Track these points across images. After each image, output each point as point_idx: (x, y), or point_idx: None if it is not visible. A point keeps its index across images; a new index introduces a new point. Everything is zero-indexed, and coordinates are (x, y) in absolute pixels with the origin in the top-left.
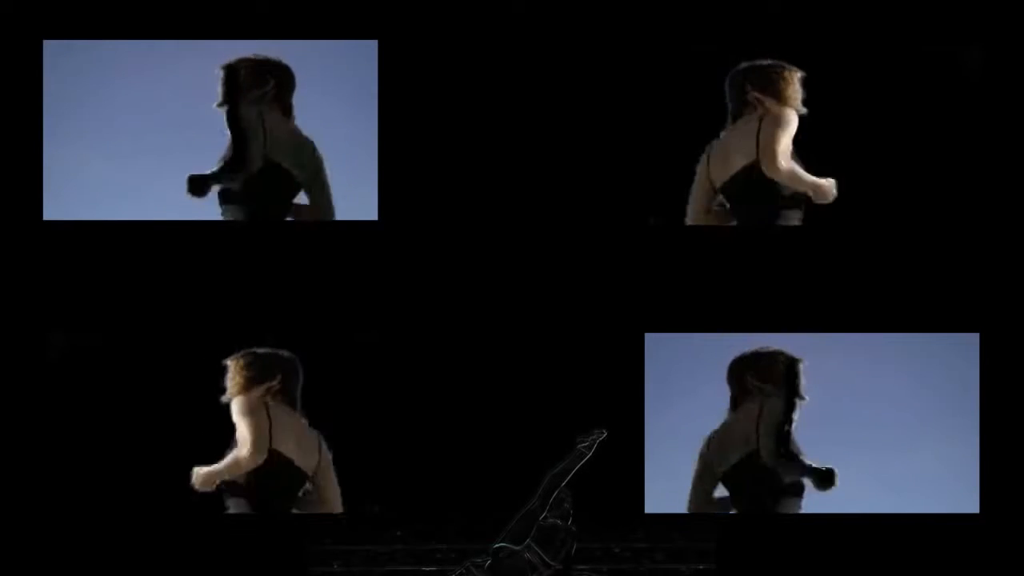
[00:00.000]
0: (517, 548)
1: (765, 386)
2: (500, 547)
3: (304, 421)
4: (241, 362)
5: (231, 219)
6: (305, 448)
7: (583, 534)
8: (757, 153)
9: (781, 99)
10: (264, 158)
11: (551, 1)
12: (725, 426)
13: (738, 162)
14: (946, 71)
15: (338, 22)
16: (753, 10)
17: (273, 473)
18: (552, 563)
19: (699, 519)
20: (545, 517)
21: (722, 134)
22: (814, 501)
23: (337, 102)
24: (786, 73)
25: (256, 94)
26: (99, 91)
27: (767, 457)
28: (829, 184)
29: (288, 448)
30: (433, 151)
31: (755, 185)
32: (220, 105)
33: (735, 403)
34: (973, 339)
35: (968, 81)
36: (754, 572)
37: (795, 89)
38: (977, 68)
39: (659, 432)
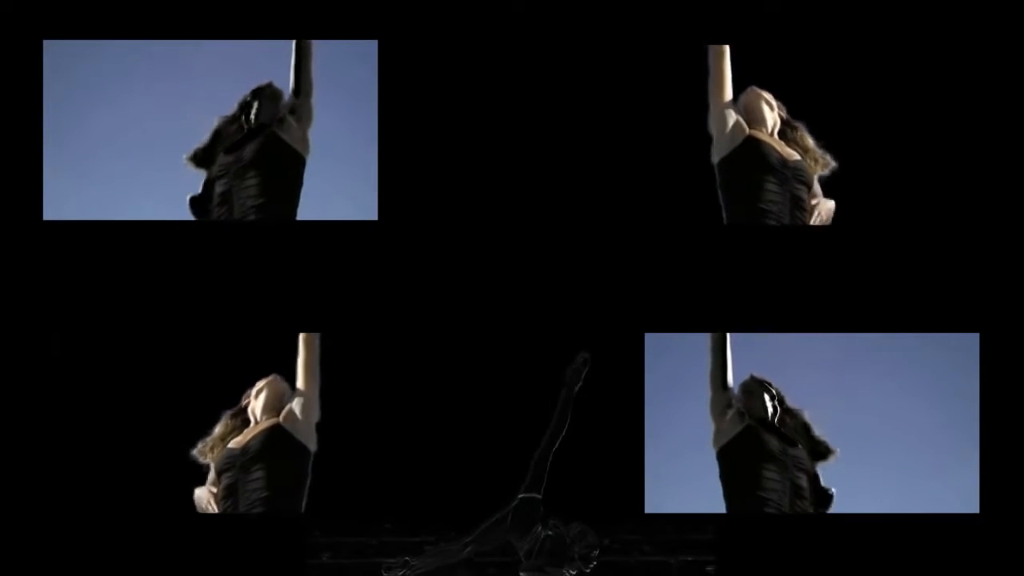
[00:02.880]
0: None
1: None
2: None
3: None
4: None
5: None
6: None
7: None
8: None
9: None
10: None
11: (552, 1)
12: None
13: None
14: (945, 70)
15: (338, 22)
16: (753, 9)
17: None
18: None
19: (699, 519)
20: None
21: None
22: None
23: (337, 102)
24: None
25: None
26: (99, 91)
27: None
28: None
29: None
30: (433, 151)
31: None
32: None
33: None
34: (973, 339)
35: (968, 80)
36: (753, 572)
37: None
38: (977, 66)
39: (659, 432)
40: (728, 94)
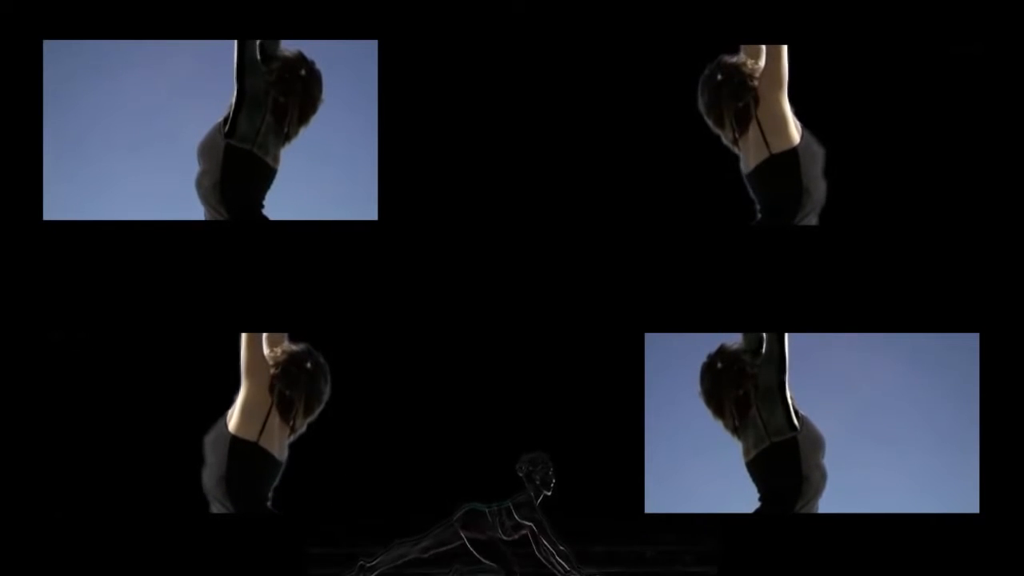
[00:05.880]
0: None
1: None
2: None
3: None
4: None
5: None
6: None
7: (583, 534)
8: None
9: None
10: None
11: (552, 1)
12: None
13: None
14: (946, 70)
15: (338, 22)
16: (755, 9)
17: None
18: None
19: (699, 519)
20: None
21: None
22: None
23: (337, 102)
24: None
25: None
26: (99, 91)
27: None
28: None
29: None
30: (433, 151)
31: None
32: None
33: None
34: (973, 339)
35: (969, 80)
36: (753, 572)
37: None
38: (977, 68)
39: (659, 432)
40: (785, 92)
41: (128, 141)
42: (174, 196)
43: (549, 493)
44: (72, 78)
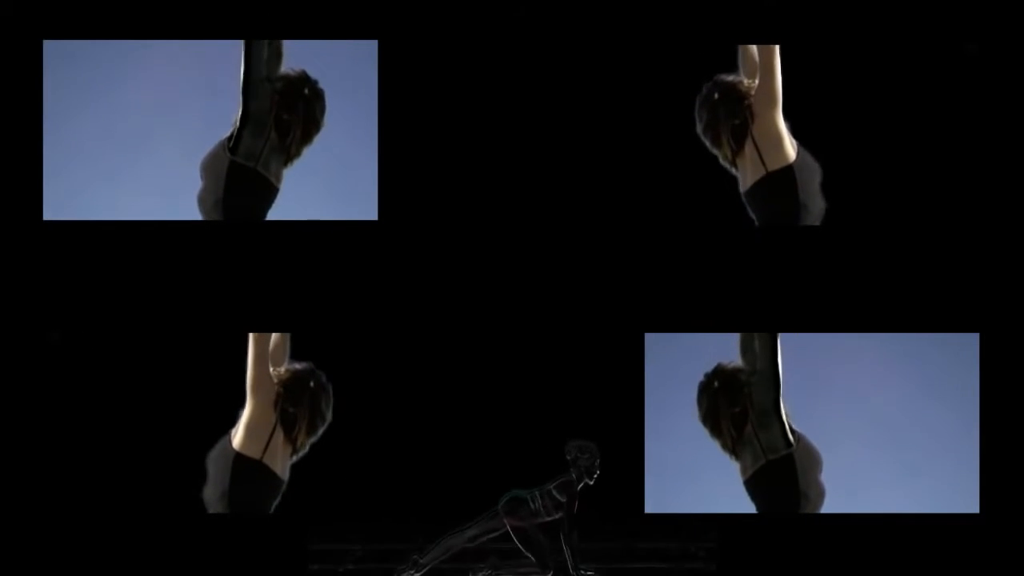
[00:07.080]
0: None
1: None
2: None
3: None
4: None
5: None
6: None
7: (583, 534)
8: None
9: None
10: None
11: (552, 1)
12: None
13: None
14: (945, 69)
15: (338, 22)
16: (752, 7)
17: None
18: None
19: (699, 519)
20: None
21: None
22: None
23: (337, 102)
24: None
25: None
26: (99, 91)
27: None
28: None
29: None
30: (433, 151)
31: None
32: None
33: None
34: (973, 339)
35: (968, 79)
36: (753, 572)
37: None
38: (976, 66)
39: (659, 432)
40: (780, 110)
41: (128, 141)
42: (174, 196)
43: (591, 483)
44: (72, 78)
